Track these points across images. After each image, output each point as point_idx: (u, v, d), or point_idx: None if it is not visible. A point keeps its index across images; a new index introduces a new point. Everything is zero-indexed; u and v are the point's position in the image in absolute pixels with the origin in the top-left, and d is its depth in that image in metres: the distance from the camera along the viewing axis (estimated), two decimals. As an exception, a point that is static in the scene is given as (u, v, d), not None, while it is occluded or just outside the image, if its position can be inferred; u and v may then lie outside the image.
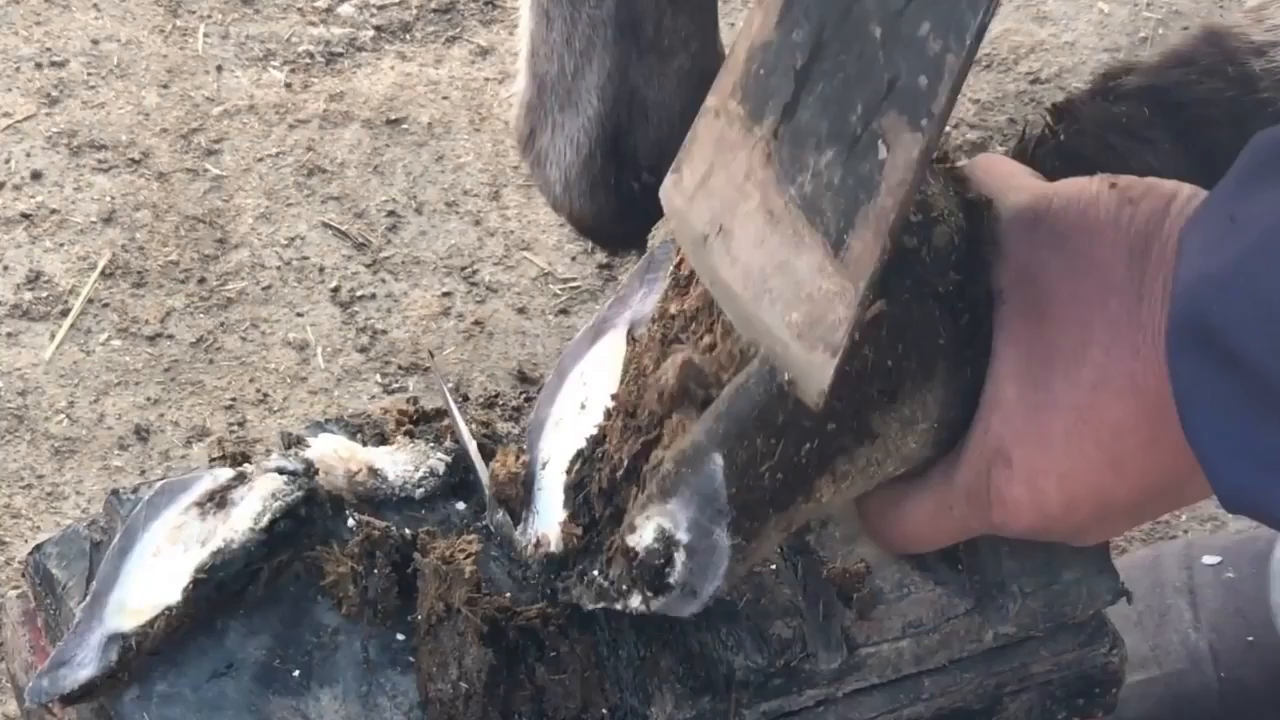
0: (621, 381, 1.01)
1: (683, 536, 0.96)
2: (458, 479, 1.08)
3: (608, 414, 1.01)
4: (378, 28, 2.40)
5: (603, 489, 1.00)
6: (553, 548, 1.03)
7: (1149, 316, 0.91)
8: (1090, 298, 0.93)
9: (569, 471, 1.03)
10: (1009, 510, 0.97)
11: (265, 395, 1.97)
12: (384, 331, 2.04)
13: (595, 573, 0.99)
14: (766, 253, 0.89)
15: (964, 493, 0.98)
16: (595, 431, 1.02)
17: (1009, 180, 0.99)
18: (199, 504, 1.02)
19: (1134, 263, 0.92)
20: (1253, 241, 0.84)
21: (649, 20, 1.13)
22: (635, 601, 0.98)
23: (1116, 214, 0.94)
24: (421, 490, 1.06)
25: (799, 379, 0.90)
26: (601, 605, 1.00)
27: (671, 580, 0.97)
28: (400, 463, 1.06)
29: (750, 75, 0.89)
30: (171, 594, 0.98)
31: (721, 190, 0.91)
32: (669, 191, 0.93)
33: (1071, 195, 0.96)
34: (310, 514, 1.01)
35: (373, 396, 1.97)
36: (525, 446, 1.09)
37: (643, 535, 0.97)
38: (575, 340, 1.11)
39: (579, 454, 1.03)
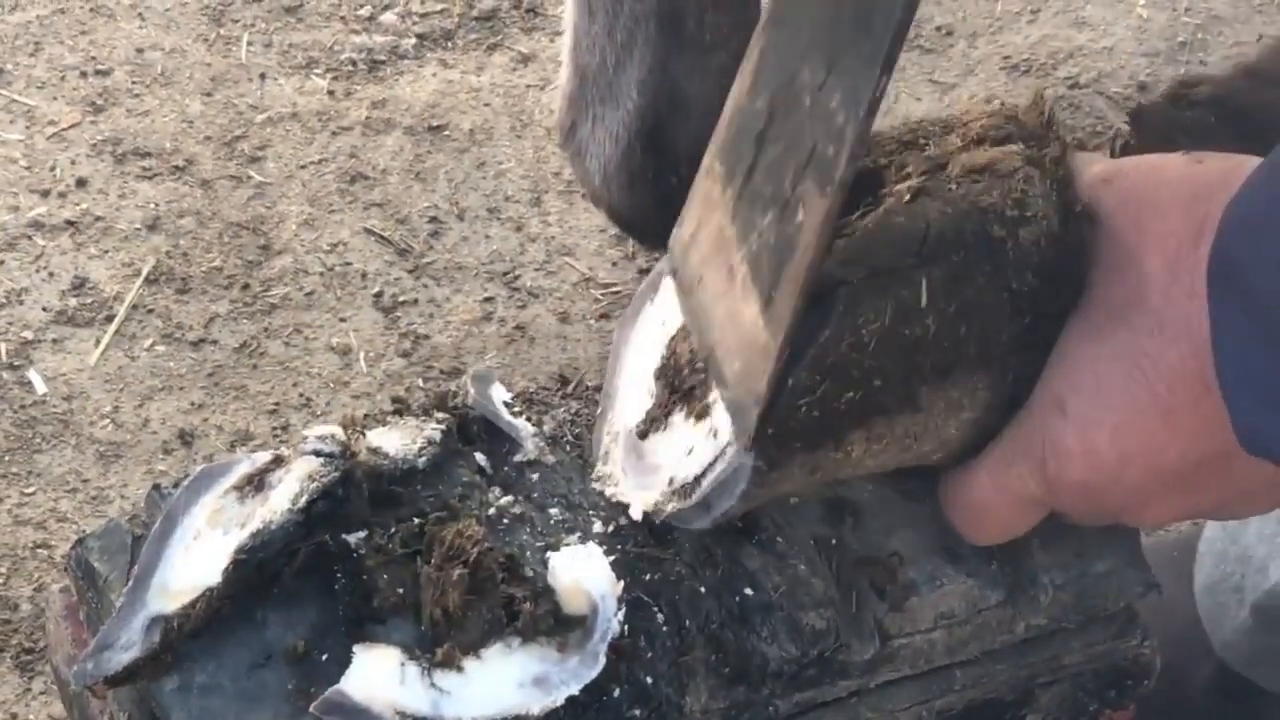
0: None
1: None
2: (457, 445, 1.09)
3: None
4: (420, 35, 2.41)
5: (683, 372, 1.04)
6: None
7: (1205, 257, 0.90)
8: (1150, 242, 0.93)
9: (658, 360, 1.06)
10: (1061, 463, 0.96)
11: (308, 400, 1.98)
12: (426, 336, 2.05)
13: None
14: (724, 306, 0.96)
15: (1023, 447, 0.98)
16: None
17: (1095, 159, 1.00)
18: (238, 487, 1.03)
19: (1196, 207, 0.92)
20: None
21: (690, 15, 1.14)
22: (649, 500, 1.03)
23: (1185, 169, 0.94)
24: (424, 459, 1.07)
25: (734, 422, 0.96)
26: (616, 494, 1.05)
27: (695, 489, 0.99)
28: (396, 438, 1.07)
29: (728, 138, 0.95)
30: (212, 575, 0.99)
31: (704, 244, 0.98)
32: (674, 239, 1.00)
33: (1145, 159, 0.97)
34: (346, 495, 1.02)
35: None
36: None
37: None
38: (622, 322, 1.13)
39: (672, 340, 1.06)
